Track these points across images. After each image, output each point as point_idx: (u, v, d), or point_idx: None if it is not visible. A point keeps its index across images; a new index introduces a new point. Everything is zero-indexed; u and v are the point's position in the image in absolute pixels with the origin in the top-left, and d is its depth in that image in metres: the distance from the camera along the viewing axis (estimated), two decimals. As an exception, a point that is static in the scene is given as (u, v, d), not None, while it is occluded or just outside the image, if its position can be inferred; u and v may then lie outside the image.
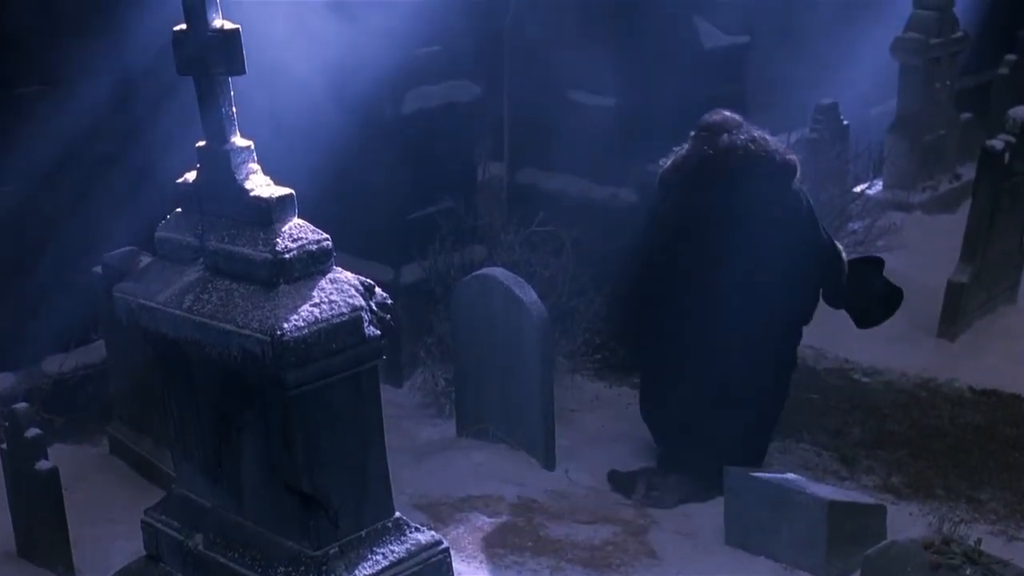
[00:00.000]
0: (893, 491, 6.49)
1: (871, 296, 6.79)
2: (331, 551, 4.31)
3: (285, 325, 3.97)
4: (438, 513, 5.98)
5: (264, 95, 5.55)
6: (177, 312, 4.27)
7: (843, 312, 7.30)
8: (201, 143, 4.35)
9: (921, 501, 6.39)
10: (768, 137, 6.34)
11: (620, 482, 6.53)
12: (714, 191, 6.18)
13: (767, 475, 5.74)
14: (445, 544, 4.60)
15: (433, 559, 4.52)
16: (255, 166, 4.31)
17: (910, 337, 8.10)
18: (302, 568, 4.27)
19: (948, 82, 10.76)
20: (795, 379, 7.61)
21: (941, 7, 10.40)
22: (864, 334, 8.12)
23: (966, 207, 8.63)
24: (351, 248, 6.45)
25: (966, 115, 11.11)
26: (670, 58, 8.11)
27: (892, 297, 6.89)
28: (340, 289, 4.18)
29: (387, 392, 5.88)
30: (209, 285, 4.27)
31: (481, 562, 5.60)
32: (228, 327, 4.09)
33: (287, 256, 4.11)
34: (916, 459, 6.83)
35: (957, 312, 8.16)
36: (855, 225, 9.07)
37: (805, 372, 7.76)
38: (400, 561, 4.42)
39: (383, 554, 4.41)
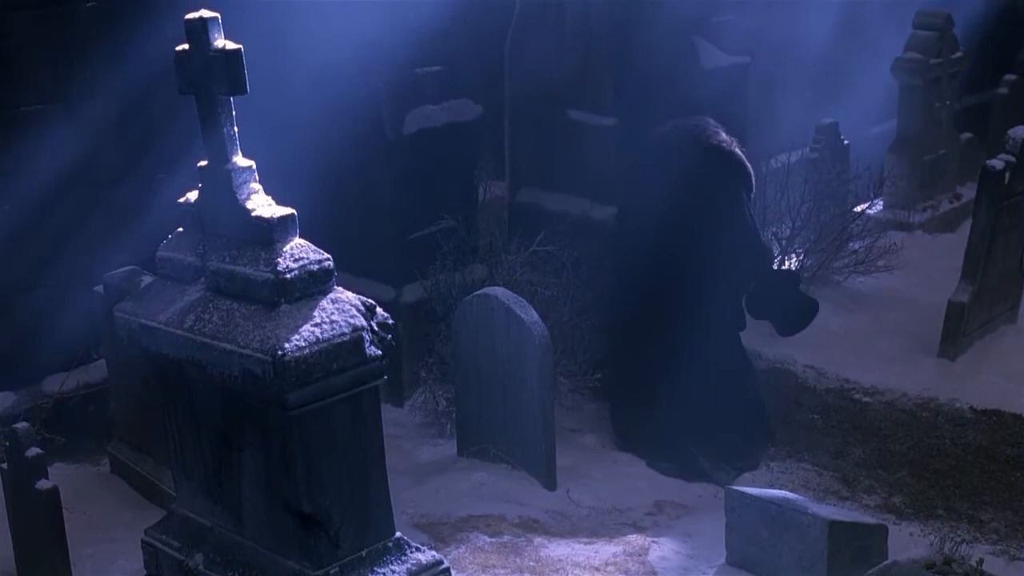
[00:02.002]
0: (894, 511, 6.48)
1: (787, 305, 7.44)
2: (332, 571, 4.31)
3: (286, 345, 3.98)
4: (439, 533, 5.97)
5: (266, 115, 5.56)
6: (178, 332, 4.28)
7: (842, 332, 7.34)
8: (203, 163, 4.36)
9: (922, 521, 6.38)
10: (720, 132, 7.07)
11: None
12: (655, 162, 7.07)
13: (768, 495, 5.73)
14: (446, 564, 4.60)
15: (434, 579, 4.52)
16: (257, 186, 4.32)
17: (911, 357, 8.10)
18: (303, 588, 4.28)
19: (948, 102, 10.78)
20: (796, 399, 7.65)
21: (941, 27, 10.43)
22: (865, 354, 8.15)
23: (966, 227, 8.63)
24: (352, 268, 6.46)
25: (966, 135, 11.13)
26: (671, 78, 8.12)
27: (808, 307, 7.51)
28: (341, 309, 4.18)
29: (388, 412, 5.90)
30: (210, 305, 4.28)
31: (482, 582, 5.60)
32: (229, 347, 4.09)
33: (288, 276, 4.12)
34: (917, 479, 6.82)
35: (958, 332, 8.16)
36: (856, 245, 9.08)
37: (806, 392, 7.77)
38: (401, 581, 4.42)
39: (384, 574, 4.41)
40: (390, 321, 4.33)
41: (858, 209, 9.60)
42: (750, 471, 6.92)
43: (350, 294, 4.29)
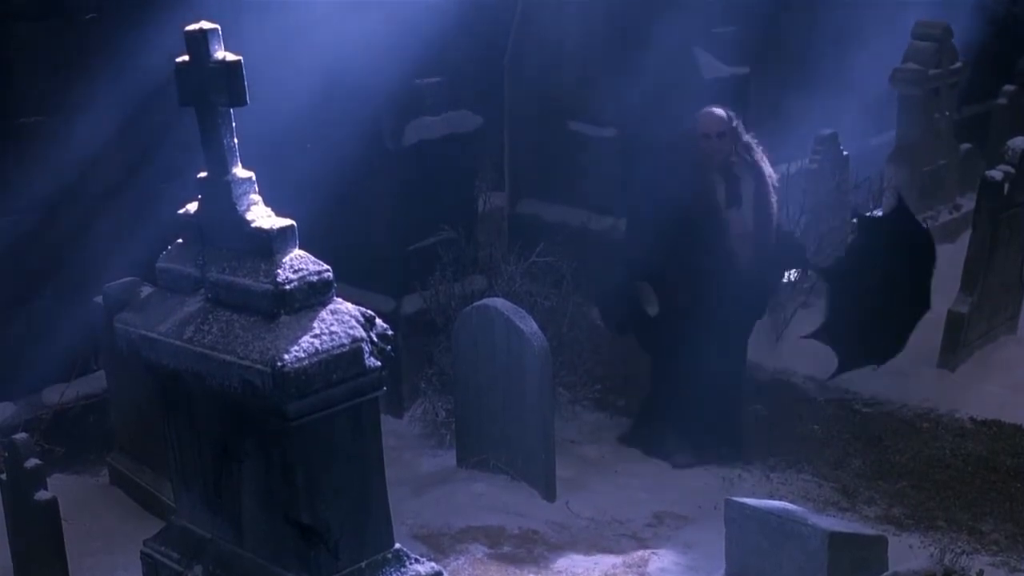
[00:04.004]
0: (894, 522, 6.47)
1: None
2: (331, 582, 4.30)
3: (286, 356, 3.98)
4: (438, 544, 5.96)
5: (266, 127, 5.57)
6: (178, 343, 4.28)
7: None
8: (202, 174, 4.37)
9: (922, 532, 6.37)
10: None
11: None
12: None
13: (768, 506, 5.72)
14: (445, 575, 4.59)
15: (433, 590, 4.52)
16: (256, 197, 4.33)
17: (911, 367, 8.09)
18: (302, 599, 4.27)
19: (947, 112, 10.79)
20: (796, 410, 7.65)
21: (940, 38, 10.44)
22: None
23: (966, 237, 8.64)
24: (352, 278, 6.46)
25: (965, 145, 11.13)
26: (670, 89, 8.14)
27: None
28: (341, 320, 4.18)
29: (388, 423, 5.89)
30: (210, 316, 4.28)
31: (481, 593, 5.59)
32: (229, 358, 4.09)
33: (288, 287, 4.12)
34: (917, 490, 6.81)
35: (958, 342, 8.15)
36: (855, 255, 9.07)
37: (806, 403, 7.76)
38: (400, 592, 4.42)
39: (383, 585, 4.40)
40: (389, 332, 4.33)
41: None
42: (708, 465, 7.08)
43: (349, 305, 4.29)
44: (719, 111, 6.90)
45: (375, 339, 4.23)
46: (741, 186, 6.90)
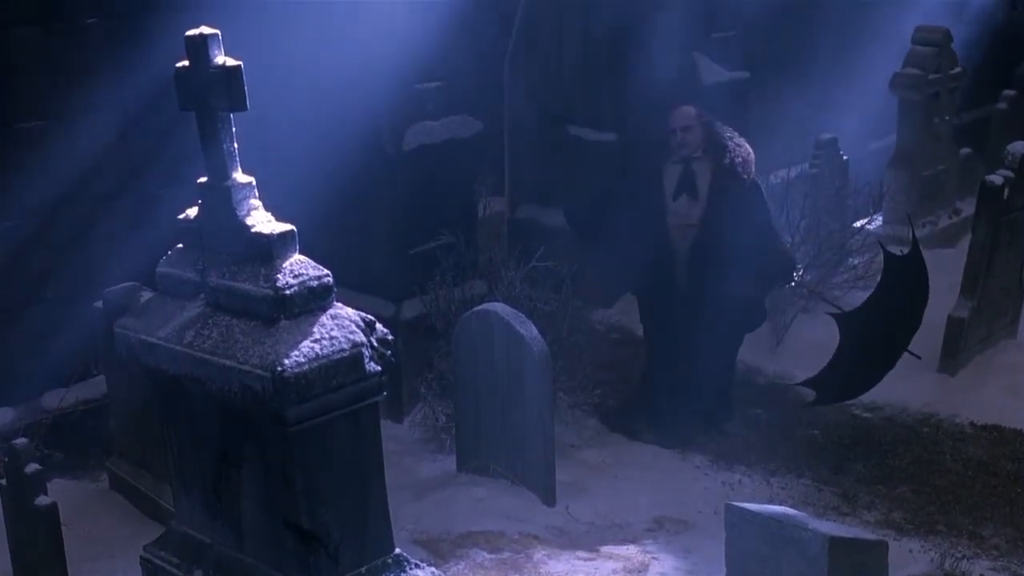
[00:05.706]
0: (895, 527, 6.46)
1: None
2: (331, 587, 4.30)
3: (286, 361, 3.98)
4: (438, 549, 5.96)
5: (266, 131, 5.57)
6: (177, 348, 4.27)
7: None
8: (202, 179, 4.37)
9: (923, 537, 6.37)
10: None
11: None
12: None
13: (768, 511, 5.71)
14: (445, 580, 4.60)
15: (433, 595, 4.51)
16: (256, 202, 4.33)
17: (911, 372, 8.07)
18: (302, 605, 4.27)
19: (947, 117, 10.78)
20: (796, 415, 7.64)
21: (940, 43, 10.44)
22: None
23: (966, 242, 8.63)
24: (352, 283, 6.46)
25: (965, 150, 11.13)
26: (670, 94, 8.14)
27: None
28: (341, 325, 4.19)
29: (387, 428, 5.89)
30: (210, 321, 4.28)
31: (481, 598, 5.58)
32: (228, 363, 4.09)
33: (288, 292, 4.12)
34: (917, 495, 6.81)
35: (957, 347, 8.15)
36: (855, 260, 9.07)
37: (805, 408, 7.75)
38: (400, 597, 4.41)
39: (383, 590, 4.40)
40: (389, 337, 4.33)
41: (857, 224, 9.60)
42: (670, 447, 7.32)
43: (349, 310, 4.29)
44: (687, 108, 7.23)
45: (375, 344, 4.24)
46: (697, 179, 7.16)
